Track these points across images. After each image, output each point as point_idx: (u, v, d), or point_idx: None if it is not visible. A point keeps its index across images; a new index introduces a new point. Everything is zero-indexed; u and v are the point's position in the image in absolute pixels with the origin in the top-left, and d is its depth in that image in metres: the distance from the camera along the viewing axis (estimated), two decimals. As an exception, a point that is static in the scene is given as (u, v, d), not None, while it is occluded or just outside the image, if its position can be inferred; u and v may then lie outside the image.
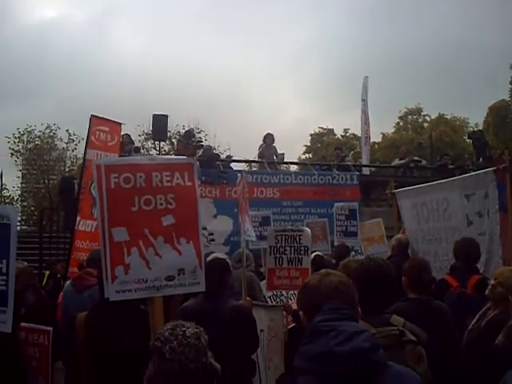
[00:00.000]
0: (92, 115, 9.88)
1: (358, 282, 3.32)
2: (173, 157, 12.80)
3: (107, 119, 10.13)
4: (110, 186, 3.76)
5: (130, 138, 17.02)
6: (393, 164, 21.27)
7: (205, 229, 13.49)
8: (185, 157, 5.02)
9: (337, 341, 2.32)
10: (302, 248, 7.01)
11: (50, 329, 5.48)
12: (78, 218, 9.36)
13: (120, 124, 10.36)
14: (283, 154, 18.85)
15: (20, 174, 38.75)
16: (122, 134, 15.60)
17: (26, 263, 9.67)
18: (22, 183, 39.23)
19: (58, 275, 10.92)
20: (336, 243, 9.96)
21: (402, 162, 20.11)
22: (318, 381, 2.31)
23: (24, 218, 33.34)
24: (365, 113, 22.50)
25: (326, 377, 2.29)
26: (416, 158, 20.92)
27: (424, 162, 21.30)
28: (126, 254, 3.70)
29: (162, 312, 3.78)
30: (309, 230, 7.48)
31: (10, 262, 4.18)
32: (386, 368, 2.37)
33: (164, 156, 16.64)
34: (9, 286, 4.19)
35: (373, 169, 22.02)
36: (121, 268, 3.68)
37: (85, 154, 9.93)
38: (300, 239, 7.04)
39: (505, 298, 4.74)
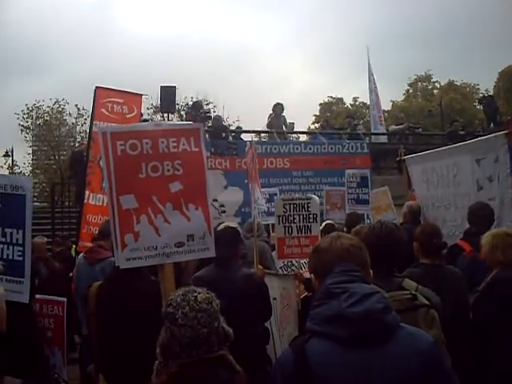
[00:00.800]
0: (97, 87, 9.78)
1: (370, 246, 3.29)
2: (179, 122, 12.75)
3: (119, 90, 10.00)
4: (117, 154, 3.74)
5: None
6: (390, 129, 21.22)
7: (215, 200, 13.48)
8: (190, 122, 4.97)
9: (349, 302, 2.31)
10: (311, 216, 6.99)
11: (64, 299, 5.53)
12: (87, 192, 9.37)
13: (141, 95, 10.27)
14: (293, 124, 18.78)
15: (30, 151, 38.88)
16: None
17: (45, 238, 9.75)
18: (32, 159, 39.34)
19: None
20: (348, 211, 9.94)
21: (398, 127, 20.07)
22: (330, 343, 2.30)
23: (35, 194, 33.53)
24: (370, 81, 22.40)
25: (338, 339, 2.29)
26: (412, 125, 20.86)
27: (420, 130, 21.24)
28: (135, 221, 3.69)
29: (173, 279, 3.79)
30: (317, 197, 7.44)
31: (26, 232, 4.19)
32: (398, 329, 2.37)
33: (170, 122, 16.58)
34: (25, 256, 4.21)
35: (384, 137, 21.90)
36: (130, 236, 3.67)
37: (91, 126, 9.90)
38: (309, 207, 7.02)
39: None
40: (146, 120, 18.14)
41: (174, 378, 2.67)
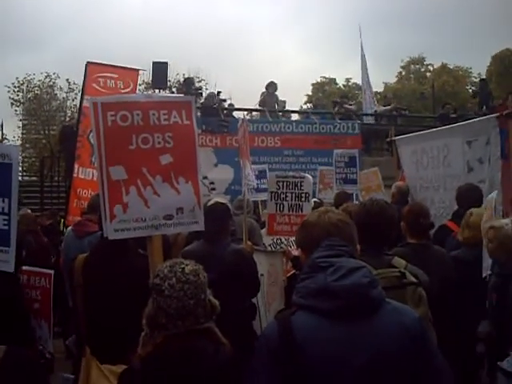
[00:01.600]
0: (88, 62, 9.74)
1: (360, 223, 3.31)
2: (170, 95, 12.69)
3: (113, 65, 9.98)
4: (107, 125, 3.70)
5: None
6: (377, 111, 21.28)
7: (205, 178, 13.49)
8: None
9: (335, 276, 2.32)
10: (303, 195, 7.00)
11: (52, 272, 5.51)
12: (77, 166, 9.37)
13: (137, 70, 10.20)
14: (284, 102, 18.74)
15: (20, 124, 38.54)
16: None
17: (29, 210, 9.72)
18: (22, 133, 38.98)
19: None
20: (336, 191, 9.96)
21: (385, 108, 20.14)
22: (315, 316, 2.32)
23: (25, 168, 33.34)
24: (362, 61, 22.42)
25: (323, 312, 2.31)
26: (399, 106, 20.95)
27: (407, 112, 21.34)
28: (124, 192, 3.66)
29: (161, 252, 3.78)
30: (310, 176, 7.45)
31: (12, 201, 4.12)
32: (384, 304, 2.38)
33: (161, 94, 16.49)
34: (11, 225, 4.15)
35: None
36: (119, 207, 3.65)
37: (81, 101, 9.85)
38: (301, 185, 7.03)
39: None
40: (137, 96, 18.01)
41: (159, 348, 2.68)
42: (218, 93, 18.44)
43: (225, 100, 18.54)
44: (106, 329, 4.04)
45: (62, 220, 11.33)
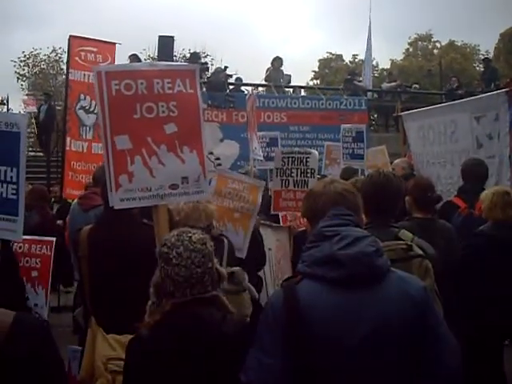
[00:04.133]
0: (71, 35, 9.83)
1: (367, 194, 3.31)
2: (174, 63, 12.64)
3: (93, 39, 10.05)
4: (111, 94, 3.66)
5: (138, 58, 16.71)
6: (382, 87, 21.18)
7: (211, 153, 13.43)
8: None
9: (340, 245, 2.34)
10: (309, 170, 6.97)
11: (54, 239, 5.54)
12: (68, 139, 9.50)
13: (114, 44, 10.23)
14: (290, 76, 18.61)
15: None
16: (130, 54, 15.51)
17: (30, 186, 9.76)
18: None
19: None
20: (343, 166, 9.93)
21: (391, 84, 20.03)
22: (321, 284, 2.34)
23: (30, 143, 33.33)
24: (369, 38, 22.26)
25: (328, 280, 2.33)
26: (405, 84, 20.85)
27: (412, 89, 21.23)
28: (129, 162, 3.65)
29: (166, 222, 3.78)
30: (316, 152, 7.42)
31: (20, 170, 4.10)
32: (389, 273, 2.40)
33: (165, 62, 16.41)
34: (19, 195, 4.13)
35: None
36: (125, 176, 3.64)
37: (67, 75, 9.96)
38: (307, 161, 7.00)
39: None
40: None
41: (167, 316, 2.71)
42: (225, 68, 18.32)
43: (231, 75, 18.42)
44: (111, 299, 4.07)
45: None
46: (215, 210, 4.65)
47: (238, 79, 18.69)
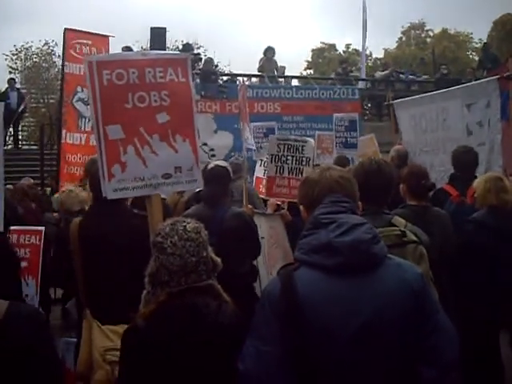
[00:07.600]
0: (66, 28, 9.91)
1: (359, 182, 3.29)
2: (166, 52, 12.62)
3: (88, 32, 10.17)
4: (103, 83, 3.64)
5: (131, 50, 16.65)
6: (376, 76, 21.20)
7: (205, 144, 13.46)
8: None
9: (337, 232, 2.33)
10: (304, 159, 6.94)
11: (42, 228, 5.51)
12: (64, 131, 9.51)
13: (107, 37, 10.26)
14: (284, 68, 18.58)
15: (19, 93, 38.20)
16: (123, 46, 15.49)
17: (31, 180, 9.76)
18: (21, 101, 38.68)
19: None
20: (336, 155, 9.93)
21: (384, 73, 20.06)
22: (318, 272, 2.33)
23: (24, 136, 33.21)
24: (364, 27, 22.18)
25: (325, 268, 2.32)
26: (398, 70, 20.86)
27: (403, 76, 21.24)
28: (121, 152, 3.63)
29: (160, 212, 3.77)
30: (312, 141, 7.40)
31: None
32: (386, 260, 2.39)
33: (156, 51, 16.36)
34: None
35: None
36: (117, 166, 3.62)
37: (62, 68, 9.99)
38: (303, 150, 6.96)
39: None
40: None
41: (163, 306, 2.70)
42: (216, 65, 18.19)
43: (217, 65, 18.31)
44: (105, 289, 4.07)
45: (49, 189, 11.45)
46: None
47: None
